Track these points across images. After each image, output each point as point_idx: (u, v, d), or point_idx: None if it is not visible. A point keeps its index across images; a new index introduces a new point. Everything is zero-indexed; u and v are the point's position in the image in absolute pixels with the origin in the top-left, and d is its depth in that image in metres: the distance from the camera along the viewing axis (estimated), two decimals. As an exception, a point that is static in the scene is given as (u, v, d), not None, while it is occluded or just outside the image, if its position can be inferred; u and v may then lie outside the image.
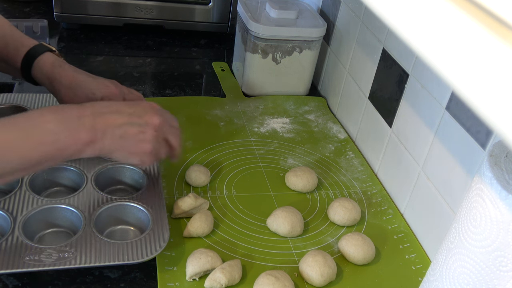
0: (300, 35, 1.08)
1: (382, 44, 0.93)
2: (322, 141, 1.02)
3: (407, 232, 0.82)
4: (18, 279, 0.65)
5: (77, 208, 0.71)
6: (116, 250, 0.66)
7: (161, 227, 0.70)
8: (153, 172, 0.80)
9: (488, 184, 0.47)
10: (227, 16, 1.32)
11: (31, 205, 0.70)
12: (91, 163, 0.79)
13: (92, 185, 0.75)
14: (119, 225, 0.74)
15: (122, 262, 0.65)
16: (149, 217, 0.72)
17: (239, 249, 0.74)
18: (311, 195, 0.87)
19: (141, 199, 0.74)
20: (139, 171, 0.80)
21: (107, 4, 1.24)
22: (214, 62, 1.26)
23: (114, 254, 0.65)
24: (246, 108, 1.09)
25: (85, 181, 0.76)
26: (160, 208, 0.73)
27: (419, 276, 0.74)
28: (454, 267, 0.51)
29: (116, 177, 0.80)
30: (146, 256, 0.66)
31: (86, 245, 0.66)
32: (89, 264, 0.64)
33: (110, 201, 0.73)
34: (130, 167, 0.80)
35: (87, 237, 0.67)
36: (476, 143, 0.68)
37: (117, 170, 0.80)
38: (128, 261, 0.65)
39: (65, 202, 0.72)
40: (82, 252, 0.65)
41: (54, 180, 0.78)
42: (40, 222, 0.70)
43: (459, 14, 0.25)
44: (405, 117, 0.86)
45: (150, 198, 0.75)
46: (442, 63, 0.26)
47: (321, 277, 0.69)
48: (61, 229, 0.72)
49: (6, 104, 0.88)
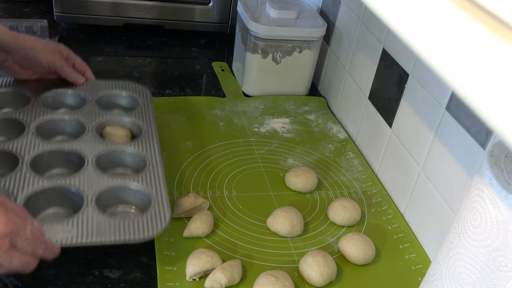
0: (300, 35, 1.08)
1: (382, 44, 0.93)
2: (322, 141, 1.02)
3: (407, 232, 0.82)
4: (18, 279, 0.65)
5: (78, 188, 0.71)
6: (118, 228, 0.65)
7: (162, 206, 0.69)
8: (153, 154, 0.79)
9: (488, 184, 0.47)
10: (227, 16, 1.32)
11: (31, 185, 0.70)
12: (93, 145, 0.79)
13: (94, 166, 0.75)
14: (120, 204, 0.74)
15: (124, 239, 0.64)
16: (150, 197, 0.71)
17: (239, 249, 0.74)
18: (311, 195, 0.87)
19: (142, 180, 0.74)
20: (139, 154, 0.79)
21: (107, 4, 1.24)
22: (214, 62, 1.26)
23: (116, 232, 0.65)
24: (246, 108, 1.09)
25: (86, 162, 0.75)
26: (161, 188, 0.72)
27: (419, 276, 0.74)
28: (454, 267, 0.51)
29: (117, 160, 0.80)
30: (148, 234, 0.65)
31: (88, 223, 0.65)
32: (91, 240, 0.63)
33: (111, 181, 0.73)
34: (131, 152, 0.79)
35: (89, 215, 0.66)
36: (476, 143, 0.68)
37: (118, 153, 0.79)
38: (130, 240, 0.64)
39: (66, 182, 0.71)
40: (84, 230, 0.64)
41: (55, 161, 0.77)
42: (42, 201, 0.70)
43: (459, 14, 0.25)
44: (405, 117, 0.86)
45: (151, 179, 0.74)
46: (442, 63, 0.26)
47: (321, 277, 0.69)
48: (62, 209, 0.72)
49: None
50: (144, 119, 0.86)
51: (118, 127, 0.85)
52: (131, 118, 0.87)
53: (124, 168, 0.80)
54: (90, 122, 0.83)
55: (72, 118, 0.84)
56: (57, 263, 0.68)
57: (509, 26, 0.23)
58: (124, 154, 0.80)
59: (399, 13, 0.29)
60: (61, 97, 0.90)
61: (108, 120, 0.85)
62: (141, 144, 0.80)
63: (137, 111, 0.89)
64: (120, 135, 0.83)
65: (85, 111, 0.86)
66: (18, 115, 0.82)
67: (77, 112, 0.86)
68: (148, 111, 0.89)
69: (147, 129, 0.84)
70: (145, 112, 0.88)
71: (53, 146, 0.77)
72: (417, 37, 0.28)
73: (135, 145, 0.80)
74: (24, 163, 0.73)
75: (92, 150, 0.77)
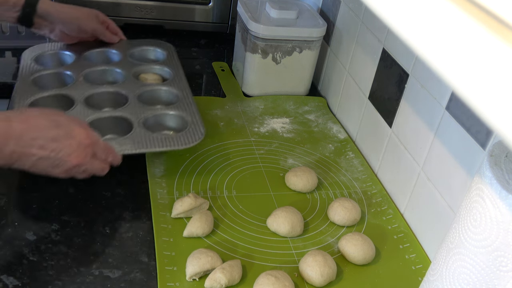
0: (300, 35, 1.08)
1: (382, 44, 0.93)
2: (322, 141, 1.02)
3: (407, 232, 0.82)
4: (18, 279, 0.65)
5: (129, 117, 0.87)
6: (164, 140, 0.82)
7: (198, 126, 0.87)
8: (184, 90, 0.97)
9: (488, 184, 0.47)
10: (227, 16, 1.32)
11: (90, 116, 0.86)
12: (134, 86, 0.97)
13: (137, 101, 0.91)
14: (162, 130, 0.90)
15: (170, 147, 0.81)
16: (186, 120, 0.89)
17: (239, 249, 0.74)
18: (311, 195, 0.87)
19: (178, 108, 0.91)
20: (172, 91, 0.97)
21: (107, 4, 1.24)
22: (214, 62, 1.26)
23: (162, 143, 0.82)
24: (246, 108, 1.09)
25: (129, 99, 0.92)
26: (194, 112, 0.90)
27: (419, 276, 0.74)
28: (454, 267, 0.51)
29: (155, 97, 0.96)
30: (188, 144, 0.82)
31: (139, 138, 0.82)
32: (144, 149, 0.81)
33: (153, 109, 0.90)
34: (165, 89, 0.97)
35: (139, 133, 0.83)
36: (476, 143, 0.68)
37: (154, 91, 0.97)
38: (174, 147, 0.81)
39: (117, 113, 0.89)
40: (137, 142, 0.81)
41: (105, 101, 0.94)
42: (99, 129, 0.81)
43: (459, 14, 0.25)
44: (405, 117, 0.86)
45: (185, 107, 0.92)
46: (442, 63, 0.26)
47: (321, 277, 0.69)
48: (115, 135, 0.87)
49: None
50: (171, 67, 1.05)
51: (151, 73, 1.03)
52: (161, 66, 1.05)
53: (160, 104, 0.95)
54: (129, 71, 1.01)
55: (113, 68, 1.02)
56: (57, 262, 0.68)
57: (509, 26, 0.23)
58: (159, 91, 0.97)
59: (399, 13, 0.29)
60: (102, 54, 1.08)
61: (142, 68, 1.03)
62: (172, 84, 0.98)
63: (164, 61, 1.07)
64: (153, 79, 1.01)
65: (123, 64, 1.04)
66: (68, 69, 0.99)
67: (117, 64, 1.04)
68: (174, 61, 1.07)
69: (175, 73, 1.02)
70: (172, 61, 1.07)
71: (102, 89, 0.94)
72: (417, 37, 0.28)
73: (168, 84, 0.98)
74: (79, 102, 0.89)
75: (134, 89, 0.95)
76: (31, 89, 0.90)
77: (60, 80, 0.97)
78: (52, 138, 0.66)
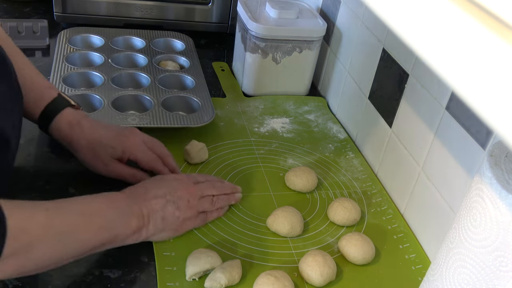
0: (300, 35, 1.08)
1: (382, 44, 0.93)
2: (322, 141, 1.02)
3: (407, 232, 0.82)
4: (18, 279, 0.65)
5: (150, 97, 0.98)
6: (179, 118, 0.93)
7: (209, 108, 0.98)
8: (199, 77, 1.09)
9: (488, 184, 0.47)
10: (227, 16, 1.32)
11: (115, 93, 0.98)
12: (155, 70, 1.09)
13: (157, 85, 1.03)
14: (178, 111, 0.99)
15: (184, 124, 0.92)
16: (199, 102, 1.00)
17: (239, 249, 0.74)
18: (311, 195, 0.87)
19: (192, 92, 1.03)
20: (188, 77, 1.09)
21: (107, 4, 1.24)
22: (214, 62, 1.26)
23: (178, 120, 0.93)
24: (246, 108, 1.09)
25: (151, 81, 1.04)
26: (206, 97, 1.02)
27: (419, 276, 0.74)
28: (454, 267, 0.51)
29: (173, 82, 1.08)
30: (199, 123, 0.93)
31: (158, 115, 0.93)
32: (160, 124, 0.91)
33: (170, 92, 1.01)
34: (182, 75, 1.10)
35: (158, 111, 0.94)
36: (476, 143, 0.68)
37: (173, 76, 1.09)
38: (187, 124, 0.92)
39: (139, 92, 1.00)
40: (155, 118, 0.92)
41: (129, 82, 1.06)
42: (123, 106, 0.96)
43: (459, 14, 0.25)
44: (405, 117, 0.86)
45: (198, 91, 1.03)
46: (442, 63, 0.26)
47: (320, 277, 0.69)
48: (137, 112, 0.97)
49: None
50: (189, 57, 1.16)
51: (170, 61, 1.14)
52: (179, 55, 1.17)
53: (177, 88, 1.06)
54: (151, 58, 1.12)
55: (137, 54, 1.14)
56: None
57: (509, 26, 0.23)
58: (177, 77, 1.09)
59: (399, 13, 0.29)
60: (128, 41, 1.20)
61: (162, 57, 1.15)
62: (189, 72, 1.10)
63: (183, 51, 1.19)
64: (172, 66, 1.12)
65: (145, 52, 1.15)
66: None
67: (140, 51, 1.15)
68: (191, 52, 1.19)
69: (192, 62, 1.14)
70: (189, 52, 1.19)
71: (128, 71, 1.06)
72: (417, 37, 0.28)
73: (185, 72, 1.10)
74: (107, 81, 1.01)
75: (155, 74, 1.06)
76: (65, 66, 1.03)
77: (88, 64, 1.09)
78: (157, 184, 0.72)
